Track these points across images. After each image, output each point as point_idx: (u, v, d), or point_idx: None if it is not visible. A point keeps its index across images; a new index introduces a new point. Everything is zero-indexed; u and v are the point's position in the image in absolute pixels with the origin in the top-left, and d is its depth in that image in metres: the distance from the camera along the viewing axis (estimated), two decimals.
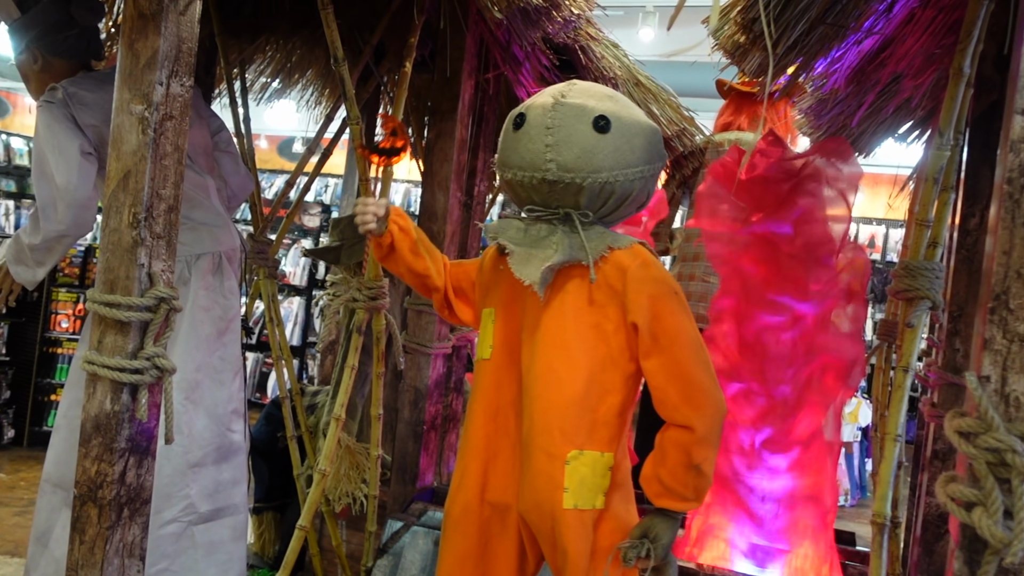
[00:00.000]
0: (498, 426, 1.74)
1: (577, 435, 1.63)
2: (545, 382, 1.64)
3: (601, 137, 1.61)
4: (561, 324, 1.66)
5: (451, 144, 2.67)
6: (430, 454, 2.71)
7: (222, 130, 2.55)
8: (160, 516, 2.13)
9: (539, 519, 1.64)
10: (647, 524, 1.64)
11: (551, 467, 1.62)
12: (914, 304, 1.65)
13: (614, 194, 1.65)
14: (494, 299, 1.78)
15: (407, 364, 2.70)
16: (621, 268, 1.65)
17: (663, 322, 1.61)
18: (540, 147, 1.62)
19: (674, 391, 1.60)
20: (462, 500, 1.74)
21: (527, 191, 1.68)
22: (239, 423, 2.33)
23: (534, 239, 1.67)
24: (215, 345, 2.26)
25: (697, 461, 1.58)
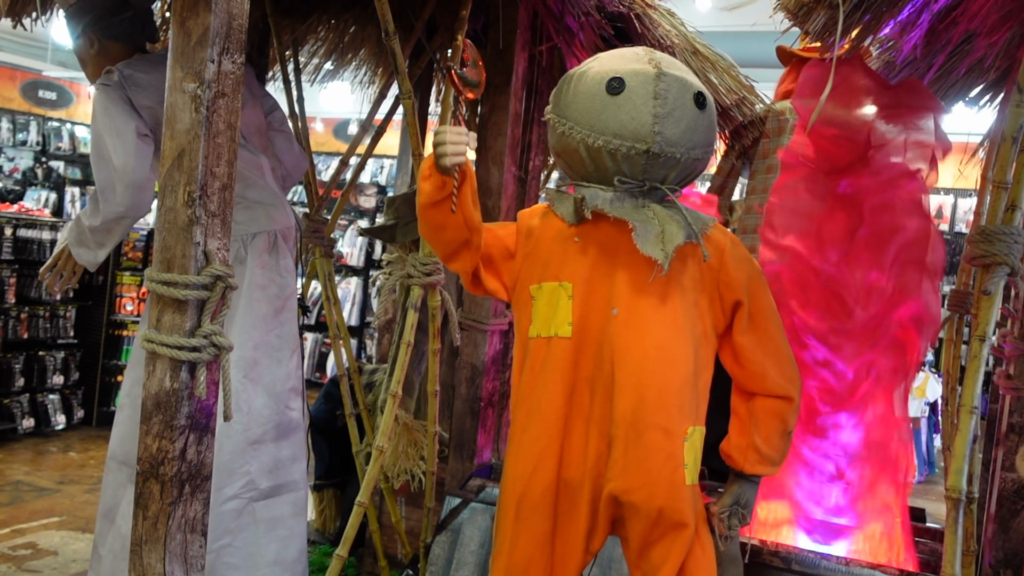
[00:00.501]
0: (574, 404, 1.69)
1: (692, 412, 1.65)
2: (659, 360, 1.62)
3: (700, 114, 1.62)
4: (671, 301, 1.64)
5: (505, 118, 2.63)
6: (487, 431, 2.70)
7: (275, 109, 2.55)
8: (221, 493, 2.15)
9: (648, 497, 1.61)
10: (738, 491, 1.72)
11: (671, 444, 1.61)
12: (991, 270, 1.57)
13: (695, 172, 1.68)
14: (567, 272, 1.69)
15: (464, 341, 2.68)
16: (718, 246, 1.68)
17: (758, 299, 1.70)
18: (648, 117, 1.57)
19: (771, 365, 1.69)
20: (542, 482, 1.68)
21: (618, 161, 1.61)
22: (297, 400, 2.34)
23: (625, 211, 1.62)
24: (272, 323, 2.27)
25: (791, 428, 1.71)
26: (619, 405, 1.61)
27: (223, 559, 2.17)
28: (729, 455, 1.72)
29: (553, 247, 1.71)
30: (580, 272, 1.68)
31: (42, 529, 3.75)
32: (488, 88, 2.69)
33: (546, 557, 1.70)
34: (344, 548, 2.07)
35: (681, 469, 1.62)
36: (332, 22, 3.42)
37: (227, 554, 2.17)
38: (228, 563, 2.17)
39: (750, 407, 1.72)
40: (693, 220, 1.63)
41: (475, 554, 2.35)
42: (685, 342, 1.64)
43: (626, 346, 1.62)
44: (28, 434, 5.13)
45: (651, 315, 1.63)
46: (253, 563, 2.20)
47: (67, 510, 4.01)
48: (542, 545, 1.69)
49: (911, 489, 2.57)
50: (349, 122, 10.59)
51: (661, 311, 1.63)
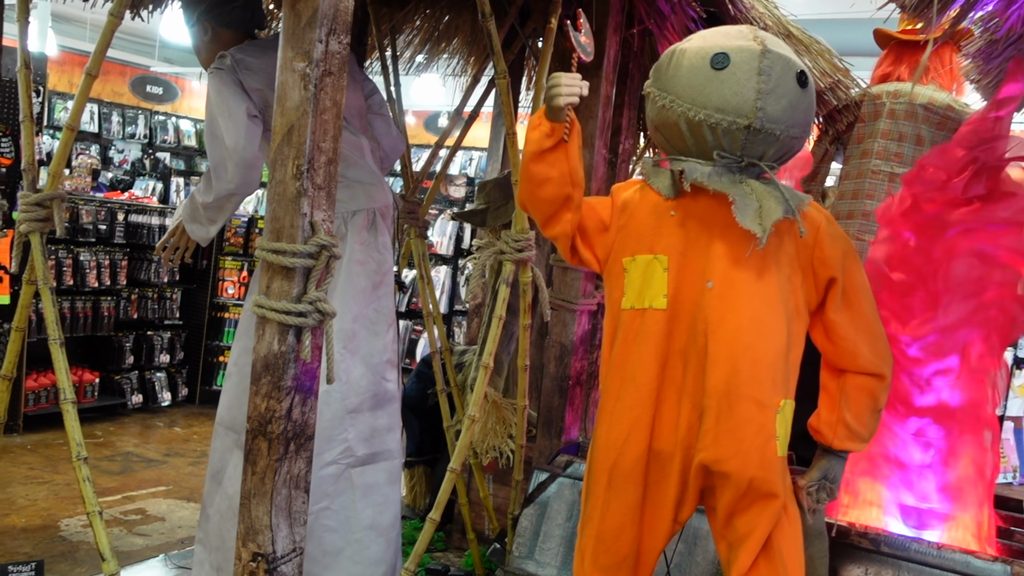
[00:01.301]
0: (666, 376, 1.72)
1: (785, 384, 1.68)
2: (754, 333, 1.65)
3: (802, 92, 1.64)
4: (767, 275, 1.67)
5: (596, 101, 2.67)
6: (575, 409, 2.74)
7: (375, 93, 2.65)
8: (321, 458, 2.25)
9: (740, 468, 1.64)
10: (827, 466, 1.75)
11: (763, 416, 1.64)
12: None
13: (793, 149, 1.70)
14: (662, 245, 1.72)
15: (553, 320, 2.73)
16: (814, 223, 1.71)
17: (852, 277, 1.71)
18: (751, 93, 1.60)
19: (863, 343, 1.71)
20: (634, 451, 1.72)
21: (718, 136, 1.64)
22: (392, 372, 2.43)
23: (723, 185, 1.64)
24: (370, 297, 2.36)
25: (881, 405, 1.73)
26: (712, 376, 1.64)
27: (321, 521, 2.27)
28: (818, 430, 1.74)
29: (648, 220, 1.74)
30: (676, 245, 1.71)
31: (150, 497, 3.97)
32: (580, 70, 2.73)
33: (635, 525, 1.74)
34: (436, 512, 2.15)
35: (773, 440, 1.64)
36: (428, 11, 3.51)
37: (325, 516, 2.27)
38: (326, 525, 2.27)
39: (841, 383, 1.73)
40: (790, 196, 1.65)
41: (562, 527, 2.40)
42: (779, 316, 1.66)
43: (720, 319, 1.65)
44: (137, 409, 5.41)
45: (746, 289, 1.65)
46: (349, 526, 2.30)
47: (173, 480, 4.23)
48: (632, 513, 1.73)
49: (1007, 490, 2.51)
50: (439, 115, 10.75)
51: (756, 285, 1.65)
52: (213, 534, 2.34)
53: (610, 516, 1.74)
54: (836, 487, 1.75)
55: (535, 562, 2.41)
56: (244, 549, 1.70)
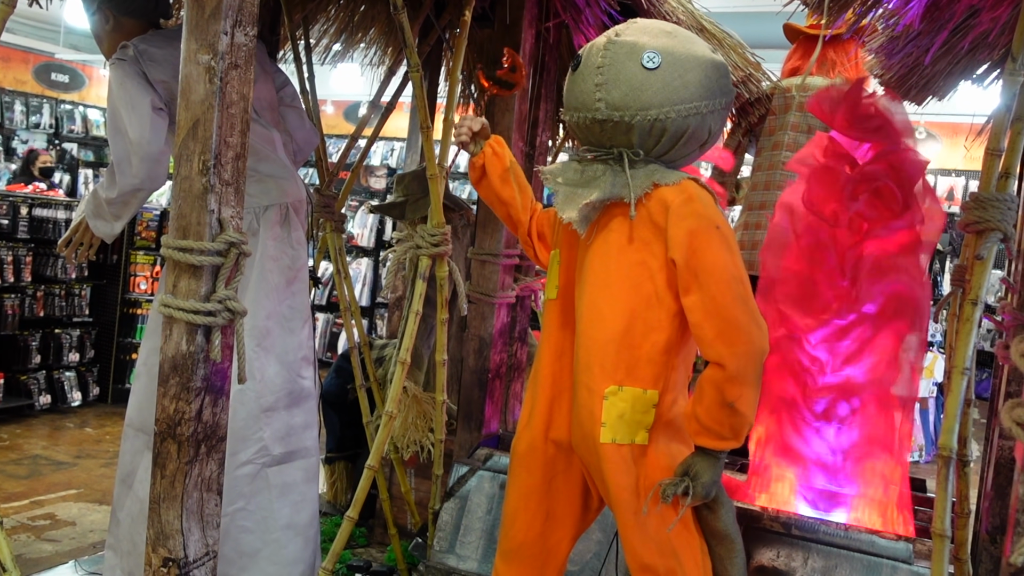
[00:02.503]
0: (562, 365, 1.77)
1: (616, 371, 1.65)
2: (589, 319, 1.67)
3: (650, 73, 1.61)
4: (604, 262, 1.68)
5: (512, 95, 2.67)
6: (495, 402, 2.75)
7: (287, 85, 2.60)
8: (236, 458, 2.21)
9: (585, 453, 1.70)
10: (688, 462, 1.66)
11: (591, 402, 1.66)
12: (984, 236, 1.60)
13: (666, 131, 1.65)
14: (559, 240, 1.83)
15: (471, 314, 2.73)
16: (665, 204, 1.64)
17: (702, 257, 1.60)
18: (591, 87, 1.65)
19: (710, 328, 1.58)
20: (528, 437, 1.79)
21: (582, 132, 1.72)
22: (309, 370, 2.39)
23: (588, 179, 1.70)
24: (284, 294, 2.32)
25: (730, 399, 1.57)
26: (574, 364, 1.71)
27: (237, 522, 2.23)
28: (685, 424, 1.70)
29: (558, 218, 1.81)
30: (565, 239, 1.81)
31: (60, 501, 3.83)
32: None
33: (530, 512, 1.77)
34: (354, 510, 2.13)
35: (598, 427, 1.65)
36: (342, 1, 3.45)
37: (241, 517, 2.23)
38: (242, 526, 2.23)
39: (700, 375, 1.65)
40: (636, 180, 1.64)
41: (482, 520, 2.41)
42: (615, 302, 1.65)
43: (578, 306, 1.72)
44: (45, 410, 5.21)
45: (590, 276, 1.70)
46: (266, 526, 2.26)
47: (84, 483, 4.10)
48: (526, 499, 1.77)
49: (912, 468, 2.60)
50: (360, 104, 10.62)
51: (595, 272, 1.69)
52: (124, 539, 2.27)
53: (508, 501, 1.81)
54: (702, 487, 1.62)
55: (456, 556, 2.41)
56: (154, 554, 1.65)
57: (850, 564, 2.08)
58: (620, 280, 1.66)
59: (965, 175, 8.53)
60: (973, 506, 2.04)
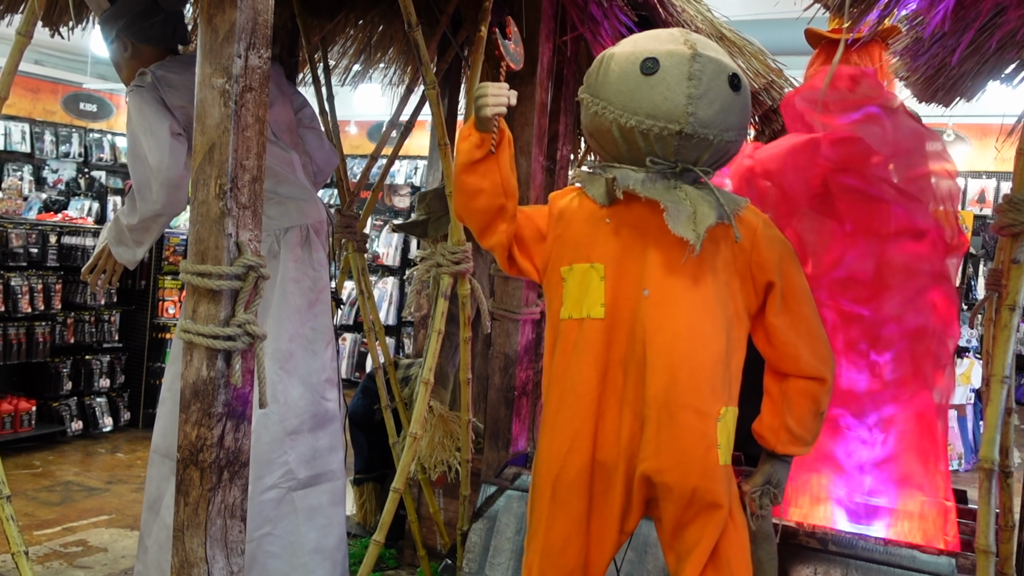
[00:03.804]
0: (607, 385, 1.70)
1: (724, 392, 1.65)
2: (691, 340, 1.63)
3: (735, 96, 1.62)
4: (703, 281, 1.65)
5: (531, 108, 2.65)
6: (522, 420, 2.72)
7: (305, 106, 2.60)
8: (261, 482, 2.20)
9: (681, 477, 1.62)
10: (769, 471, 1.72)
11: (703, 425, 1.62)
12: (1020, 239, 1.55)
13: (728, 153, 1.68)
14: (598, 254, 1.70)
15: (496, 331, 2.70)
16: (750, 227, 1.68)
17: (792, 281, 1.69)
18: (681, 98, 1.58)
19: (804, 346, 1.68)
20: (577, 463, 1.70)
21: (650, 142, 1.62)
22: (333, 391, 2.38)
23: (656, 192, 1.62)
24: (306, 316, 2.31)
25: (823, 408, 1.70)
26: (651, 386, 1.62)
27: (264, 547, 2.21)
28: (761, 435, 1.73)
29: (584, 228, 1.72)
30: (611, 253, 1.69)
31: (92, 527, 3.84)
32: (514, 78, 2.71)
33: (581, 538, 1.71)
34: (380, 534, 2.11)
35: (715, 449, 1.62)
36: (360, 22, 3.46)
37: (268, 543, 2.22)
38: (269, 551, 2.22)
39: (783, 388, 1.71)
40: (726, 201, 1.63)
41: (511, 540, 2.37)
42: (717, 323, 1.64)
43: (658, 327, 1.63)
44: (77, 436, 5.24)
45: (682, 296, 1.63)
46: (293, 551, 2.24)
47: (116, 508, 4.11)
48: (578, 525, 1.71)
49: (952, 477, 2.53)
50: (383, 124, 10.67)
51: (693, 292, 1.63)
52: (152, 565, 2.26)
53: (555, 530, 1.71)
54: (780, 491, 1.73)
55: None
56: None
57: None
58: (715, 300, 1.65)
59: (997, 177, 8.39)
60: (1017, 517, 1.97)
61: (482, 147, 1.67)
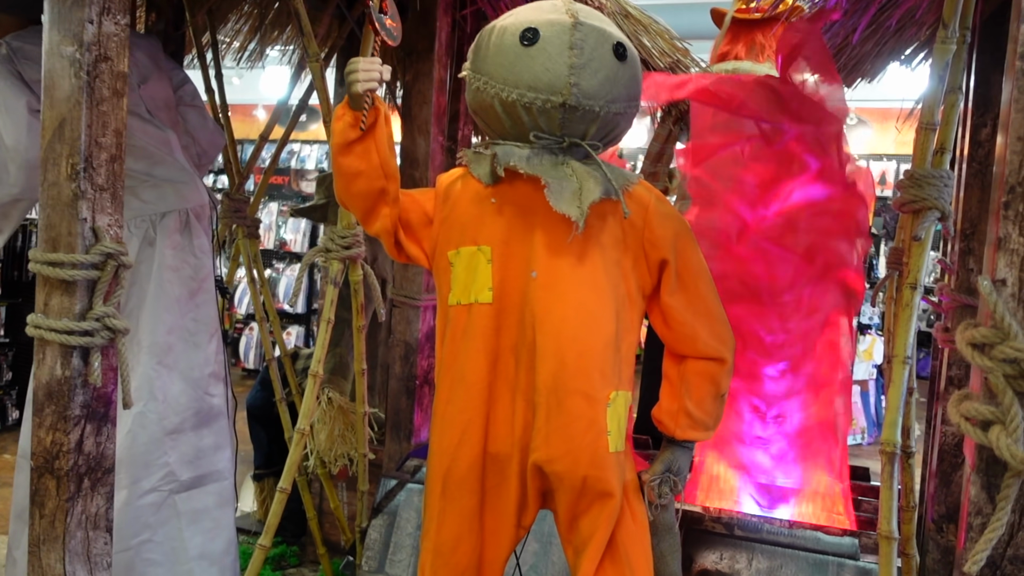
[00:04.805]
0: (498, 373, 1.61)
1: (614, 375, 1.56)
2: (579, 322, 1.54)
3: (621, 66, 1.52)
4: (591, 261, 1.55)
5: (429, 85, 2.54)
6: (424, 410, 2.62)
7: (186, 83, 2.42)
8: (139, 486, 2.05)
9: (571, 466, 1.54)
10: (669, 458, 1.64)
11: (593, 411, 1.53)
12: (921, 215, 1.51)
13: (618, 126, 1.58)
14: (485, 235, 1.61)
15: (396, 318, 2.59)
16: (642, 203, 1.59)
17: (687, 258, 1.61)
18: (563, 68, 1.48)
19: (701, 326, 1.60)
20: (468, 456, 1.61)
21: (534, 116, 1.52)
22: (218, 386, 2.23)
23: (542, 169, 1.53)
24: (187, 307, 2.15)
25: (724, 390, 1.63)
26: (540, 372, 1.54)
27: (143, 555, 2.06)
28: (660, 420, 1.64)
29: (470, 210, 1.63)
30: (498, 234, 1.60)
31: None
32: (411, 54, 2.59)
33: (475, 534, 1.62)
34: (267, 538, 1.98)
35: (604, 436, 1.54)
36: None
37: (147, 550, 2.07)
38: (149, 559, 2.07)
39: (681, 370, 1.63)
40: (614, 176, 1.55)
41: (413, 536, 2.28)
42: (606, 304, 1.55)
43: (546, 310, 1.54)
44: None
45: (570, 276, 1.55)
46: (176, 558, 2.10)
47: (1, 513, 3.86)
48: (470, 522, 1.62)
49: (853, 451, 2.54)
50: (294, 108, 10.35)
51: (580, 272, 1.55)
52: None
53: (446, 527, 1.62)
54: (682, 479, 1.65)
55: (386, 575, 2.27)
56: None
57: (796, 563, 1.99)
58: (605, 280, 1.56)
59: (896, 159, 8.61)
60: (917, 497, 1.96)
61: (356, 125, 1.56)
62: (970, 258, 2.07)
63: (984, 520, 1.00)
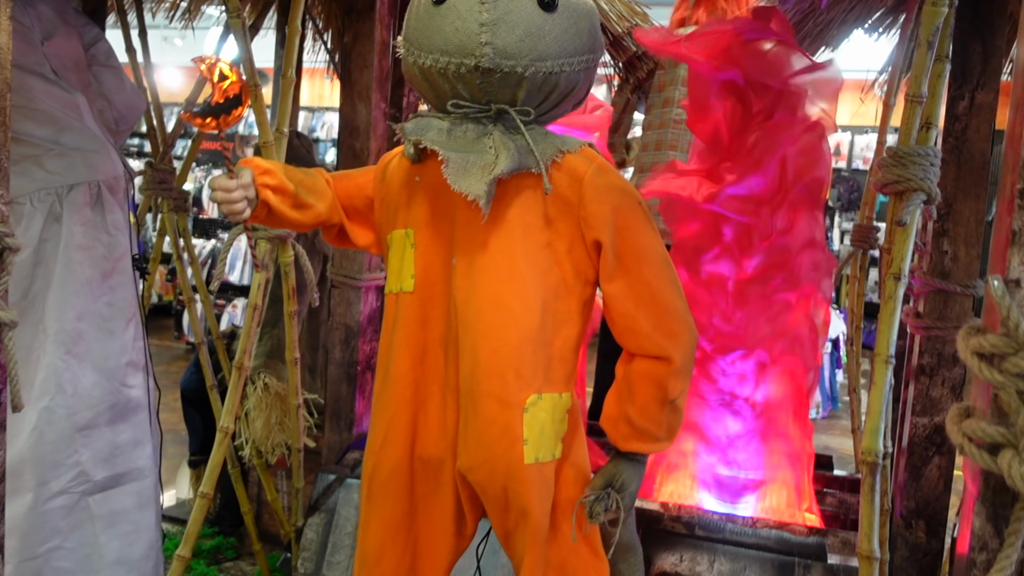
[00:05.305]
0: (426, 369, 1.46)
1: (535, 377, 1.37)
2: (493, 316, 1.37)
3: (548, 17, 1.31)
4: (508, 245, 1.37)
5: (370, 47, 2.34)
6: (367, 397, 2.45)
7: (99, 41, 2.20)
8: (47, 488, 1.86)
9: (488, 477, 1.39)
10: (612, 472, 1.41)
11: (507, 416, 1.36)
12: (905, 198, 1.37)
13: (558, 87, 1.36)
14: (411, 218, 1.48)
15: (336, 299, 2.42)
16: (576, 175, 1.37)
17: (629, 238, 1.37)
18: (473, 26, 1.29)
19: (644, 318, 1.36)
20: (391, 458, 1.47)
21: (451, 82, 1.36)
22: (137, 376, 2.04)
23: (465, 142, 1.36)
24: (100, 289, 1.96)
25: (673, 395, 1.37)
26: (460, 370, 1.39)
27: (53, 564, 1.88)
28: (604, 427, 1.45)
29: (402, 190, 1.48)
30: (421, 216, 1.45)
31: None
32: (351, 13, 2.39)
33: (402, 544, 1.48)
34: (185, 548, 1.81)
35: (519, 445, 1.36)
36: None
37: (57, 558, 1.88)
38: (59, 568, 1.88)
39: (627, 370, 1.42)
40: (540, 145, 1.36)
41: (352, 536, 2.13)
42: (527, 293, 1.37)
43: (464, 301, 1.39)
44: None
45: (487, 263, 1.38)
46: (91, 565, 1.92)
47: None
48: (395, 531, 1.47)
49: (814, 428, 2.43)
50: None
51: (497, 258, 1.37)
52: None
53: (370, 535, 1.48)
54: (627, 496, 1.41)
55: None
56: None
57: (760, 565, 1.88)
58: (527, 267, 1.37)
59: (851, 131, 8.58)
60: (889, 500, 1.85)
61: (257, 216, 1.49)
62: (944, 239, 1.95)
63: (990, 557, 0.87)
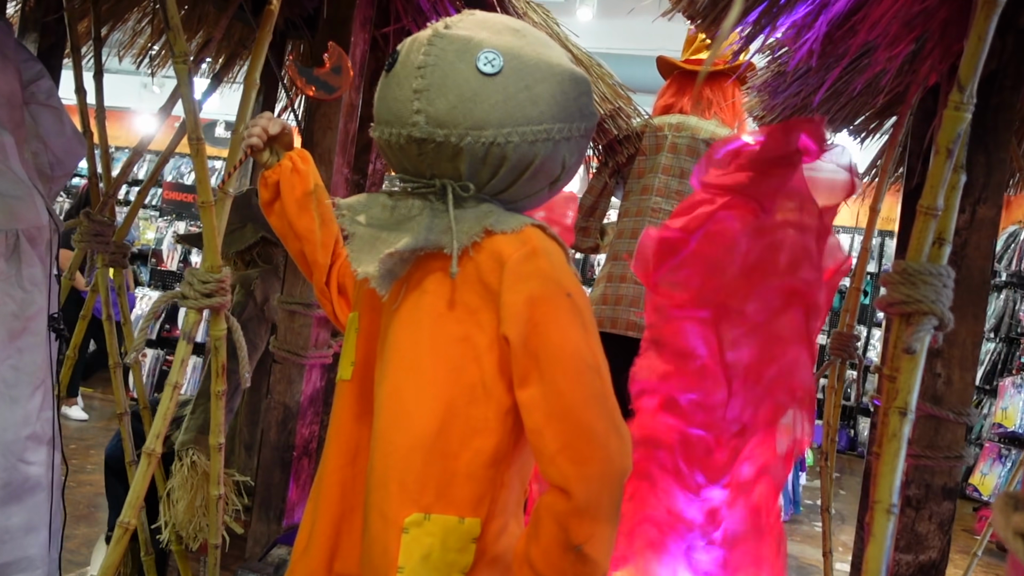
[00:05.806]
0: (356, 471, 1.28)
1: (423, 491, 1.15)
2: (388, 416, 1.18)
3: (487, 80, 1.16)
4: (413, 335, 1.19)
5: (336, 109, 2.19)
6: (301, 485, 2.23)
7: (40, 78, 2.02)
8: None
9: None
10: None
11: (385, 535, 1.15)
12: (914, 322, 1.20)
13: (506, 160, 1.18)
14: (360, 300, 1.34)
15: (276, 376, 2.21)
16: (500, 259, 1.16)
17: (546, 336, 1.13)
18: (408, 93, 1.17)
19: (552, 436, 1.11)
20: (304, 569, 1.28)
21: (395, 154, 1.24)
22: (39, 452, 1.81)
23: (398, 220, 1.21)
24: (5, 351, 1.74)
25: (578, 540, 1.09)
26: None
27: None
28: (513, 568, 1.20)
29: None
30: (365, 298, 1.32)
31: None
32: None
33: None
34: None
35: (393, 572, 1.14)
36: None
37: None
38: None
39: (538, 501, 1.15)
40: (465, 223, 1.18)
41: None
42: (427, 391, 1.17)
43: (378, 396, 1.22)
44: None
45: (392, 355, 1.21)
46: None
47: None
48: None
49: None
50: (216, 123, 9.88)
51: (402, 350, 1.20)
52: None
53: None
54: None
55: None
56: None
57: None
58: (433, 362, 1.17)
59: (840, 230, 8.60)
60: None
61: (266, 186, 1.48)
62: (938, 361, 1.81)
63: None
